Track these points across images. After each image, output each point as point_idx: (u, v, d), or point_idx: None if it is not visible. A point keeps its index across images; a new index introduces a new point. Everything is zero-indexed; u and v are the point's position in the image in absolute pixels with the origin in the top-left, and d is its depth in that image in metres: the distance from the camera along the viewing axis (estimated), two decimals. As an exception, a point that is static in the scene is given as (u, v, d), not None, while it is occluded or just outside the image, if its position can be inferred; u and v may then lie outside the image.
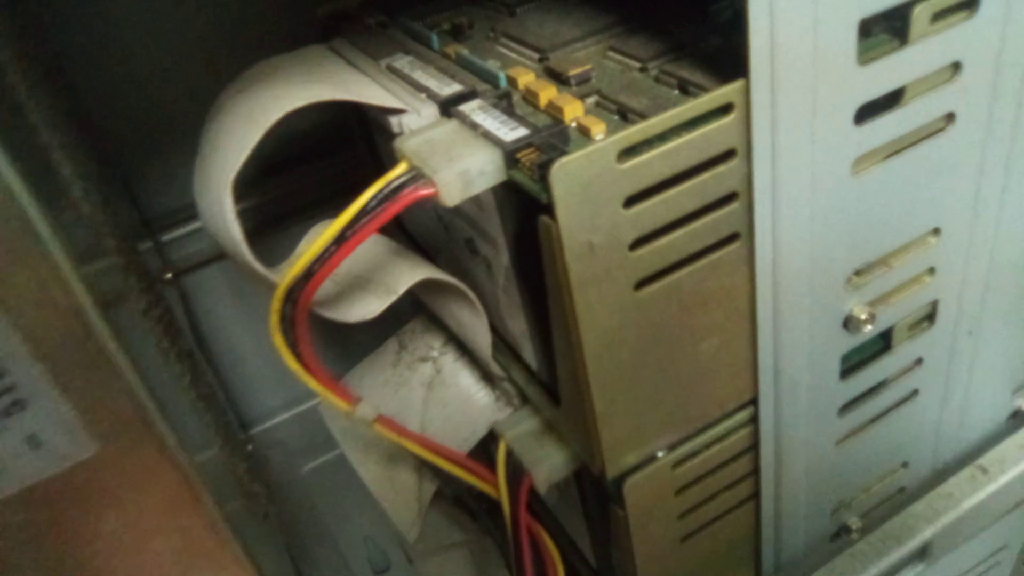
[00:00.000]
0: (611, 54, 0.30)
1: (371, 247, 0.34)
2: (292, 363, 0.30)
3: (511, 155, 0.25)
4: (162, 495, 0.24)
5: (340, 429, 0.44)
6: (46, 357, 0.20)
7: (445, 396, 0.39)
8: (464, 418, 0.38)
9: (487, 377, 0.39)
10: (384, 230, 0.29)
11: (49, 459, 0.22)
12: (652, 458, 0.31)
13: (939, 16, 0.27)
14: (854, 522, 0.41)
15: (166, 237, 0.53)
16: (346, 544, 0.65)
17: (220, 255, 0.54)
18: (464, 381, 0.40)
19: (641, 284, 0.26)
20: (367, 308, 0.31)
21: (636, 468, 0.31)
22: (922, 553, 0.40)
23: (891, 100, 0.28)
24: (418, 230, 0.42)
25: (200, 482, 0.24)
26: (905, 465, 0.41)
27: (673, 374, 0.29)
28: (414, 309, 0.44)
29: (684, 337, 0.29)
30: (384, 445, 0.41)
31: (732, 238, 0.28)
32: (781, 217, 0.28)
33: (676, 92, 0.26)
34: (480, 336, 0.35)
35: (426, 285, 0.34)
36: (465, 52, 0.32)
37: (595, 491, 0.34)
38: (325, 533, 0.66)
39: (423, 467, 0.39)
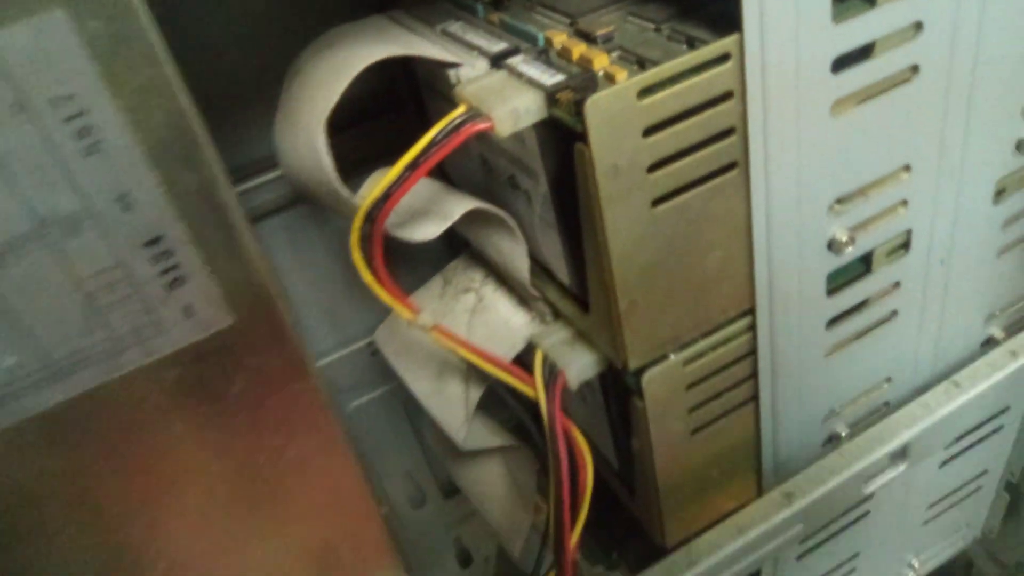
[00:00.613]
0: (630, 18, 0.36)
1: (428, 186, 0.41)
2: (367, 276, 0.36)
3: (551, 95, 0.31)
4: (279, 362, 0.30)
5: (393, 352, 0.50)
6: (202, 244, 0.27)
7: (487, 319, 0.46)
8: (505, 335, 0.44)
9: (523, 301, 0.45)
10: (432, 175, 0.35)
11: (198, 327, 0.28)
12: (666, 356, 0.38)
13: (902, -18, 0.33)
14: (843, 430, 0.47)
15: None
16: (387, 478, 0.72)
17: (274, 211, 0.60)
18: (503, 306, 0.46)
19: (656, 202, 0.33)
20: (428, 230, 0.37)
21: (653, 363, 0.37)
22: (902, 454, 0.46)
23: (863, 53, 0.34)
24: (460, 178, 0.48)
25: (305, 355, 0.31)
26: (888, 380, 0.47)
27: (683, 281, 0.35)
28: (451, 255, 0.51)
29: (692, 250, 0.35)
30: (433, 363, 0.47)
31: (731, 166, 0.34)
32: (771, 150, 0.34)
33: (684, 46, 0.32)
34: (519, 261, 0.41)
35: (471, 219, 0.40)
36: (507, 18, 0.38)
37: (617, 389, 0.40)
38: (368, 467, 0.73)
39: (469, 378, 0.45)
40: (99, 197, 0.24)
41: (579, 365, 0.39)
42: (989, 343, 0.51)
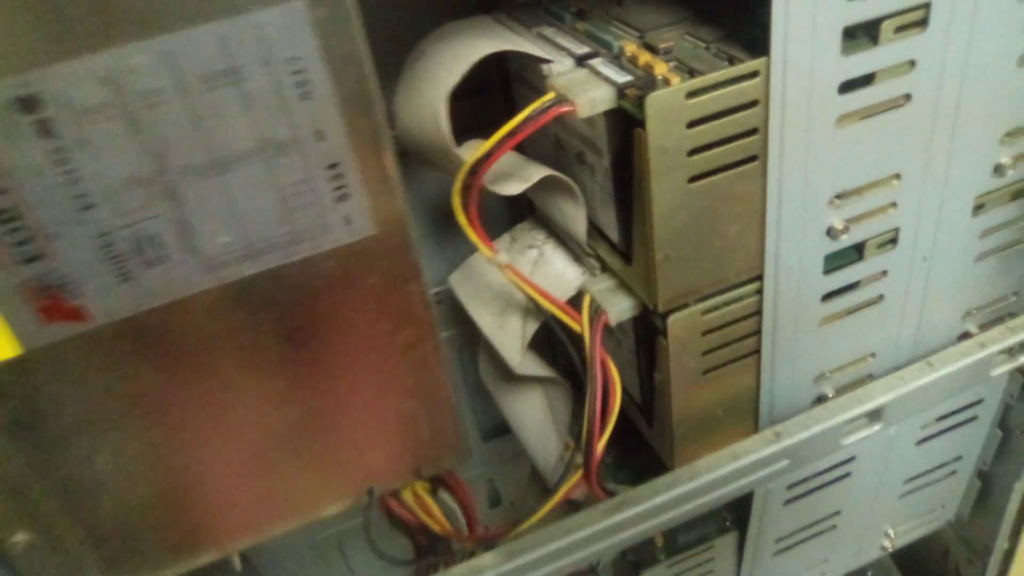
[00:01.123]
0: (687, 37, 0.46)
1: (513, 157, 0.51)
2: (462, 218, 0.46)
3: (621, 90, 0.41)
4: (401, 267, 0.41)
5: (464, 293, 0.61)
6: (364, 171, 0.37)
7: (546, 271, 0.56)
8: (560, 284, 0.54)
9: (577, 258, 0.55)
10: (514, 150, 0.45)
11: (352, 232, 0.39)
12: (688, 304, 0.48)
13: (900, 28, 0.43)
14: (830, 391, 0.57)
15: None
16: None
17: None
18: (560, 261, 0.56)
19: (692, 179, 0.43)
20: (512, 188, 0.48)
21: (677, 309, 0.47)
22: (877, 416, 0.56)
23: (865, 80, 0.44)
24: (535, 154, 0.58)
25: (419, 264, 0.41)
26: (873, 356, 0.57)
27: (707, 245, 0.45)
28: (513, 222, 0.61)
29: (716, 220, 0.45)
30: (498, 302, 0.57)
31: (752, 158, 0.44)
32: (786, 149, 0.44)
33: (725, 62, 0.42)
34: (579, 222, 0.51)
35: (542, 186, 0.50)
36: (590, 27, 0.49)
37: (647, 331, 0.50)
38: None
39: (527, 316, 0.56)
40: (304, 130, 0.35)
41: (619, 308, 0.49)
42: (964, 337, 0.60)
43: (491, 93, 0.62)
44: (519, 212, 0.63)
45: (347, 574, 0.92)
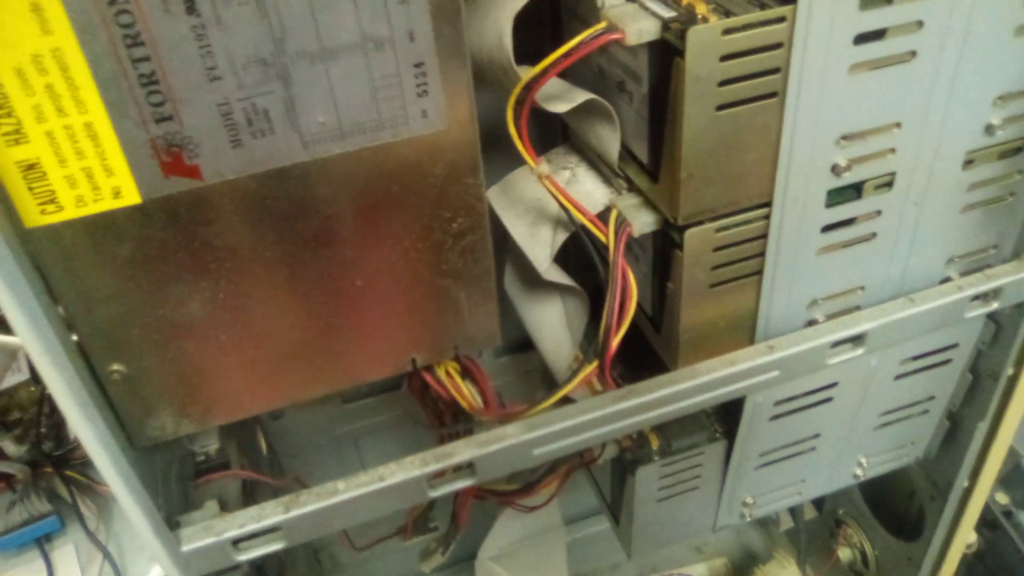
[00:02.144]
0: (726, -16, 0.52)
1: (558, 82, 0.58)
2: (512, 129, 0.53)
3: (665, 24, 0.47)
4: (464, 161, 0.47)
5: (500, 206, 0.67)
6: (443, 72, 0.44)
7: (578, 189, 0.63)
8: (590, 201, 0.61)
9: (607, 181, 0.62)
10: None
11: (427, 125, 0.45)
12: (703, 221, 0.54)
13: (912, -9, 0.49)
14: (820, 317, 0.64)
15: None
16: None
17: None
18: (591, 182, 0.63)
19: (720, 108, 0.49)
20: (560, 106, 0.54)
21: (693, 225, 0.54)
22: (860, 340, 0.63)
23: (878, 35, 0.50)
24: (577, 82, 0.65)
25: (480, 160, 0.48)
26: (862, 289, 0.64)
27: (726, 168, 0.52)
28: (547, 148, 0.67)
29: (736, 147, 0.51)
30: (531, 214, 0.64)
31: (773, 94, 0.50)
32: (803, 89, 0.50)
33: (757, 8, 0.48)
34: (613, 145, 0.58)
35: (581, 110, 0.57)
36: (639, -30, 0.55)
37: (665, 246, 0.57)
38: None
39: (557, 226, 0.63)
40: (399, 30, 0.42)
41: (642, 221, 0.56)
42: (945, 282, 0.67)
43: (541, 25, 0.68)
44: (554, 141, 0.70)
45: (359, 465, 1.00)
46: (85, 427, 0.44)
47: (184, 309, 0.48)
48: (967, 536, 0.87)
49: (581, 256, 0.60)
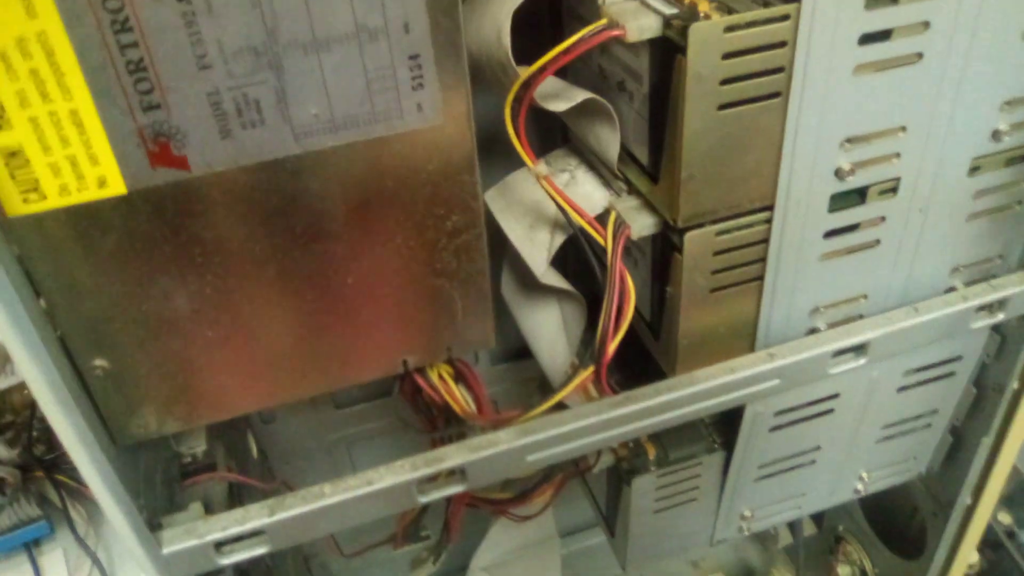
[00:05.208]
0: (729, -17, 0.51)
1: (557, 81, 0.57)
2: (511, 128, 0.52)
3: (667, 20, 0.47)
4: (459, 158, 0.46)
5: (498, 208, 0.66)
6: (439, 65, 0.43)
7: (577, 192, 0.62)
8: (588, 203, 0.60)
9: (606, 183, 0.61)
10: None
11: (422, 119, 0.44)
12: (703, 224, 0.53)
13: (919, -8, 0.48)
14: (822, 325, 0.62)
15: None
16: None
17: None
18: (590, 184, 0.62)
19: (721, 107, 0.48)
20: (558, 105, 0.53)
21: (693, 227, 0.53)
22: (861, 348, 0.62)
23: (883, 35, 0.49)
24: (577, 82, 0.64)
25: (475, 157, 0.47)
26: (865, 297, 0.62)
27: (728, 170, 0.51)
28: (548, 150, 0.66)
29: (738, 148, 0.50)
30: (529, 216, 0.63)
31: (776, 95, 0.49)
32: (806, 89, 0.49)
33: (762, 6, 0.48)
34: (612, 146, 0.57)
35: (580, 110, 0.56)
36: (641, -32, 0.54)
37: (664, 249, 0.56)
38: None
39: (554, 229, 0.62)
40: (394, 21, 0.41)
41: (641, 223, 0.55)
42: (950, 291, 0.66)
43: (541, 28, 0.67)
44: (553, 144, 0.69)
45: (351, 471, 0.98)
46: (63, 421, 0.42)
47: (170, 304, 0.47)
48: (969, 556, 0.85)
49: (580, 261, 0.59)
